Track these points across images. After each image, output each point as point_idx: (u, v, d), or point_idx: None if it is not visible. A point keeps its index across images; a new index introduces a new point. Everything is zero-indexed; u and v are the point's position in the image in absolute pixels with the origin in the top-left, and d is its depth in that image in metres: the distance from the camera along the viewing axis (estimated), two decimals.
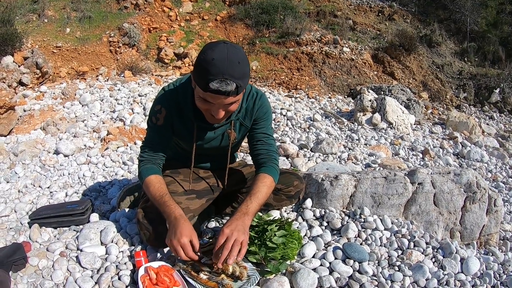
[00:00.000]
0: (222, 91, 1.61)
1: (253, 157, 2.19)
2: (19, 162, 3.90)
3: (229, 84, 1.61)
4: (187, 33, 9.14)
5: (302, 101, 6.85)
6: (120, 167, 3.82)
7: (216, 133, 2.08)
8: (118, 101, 5.64)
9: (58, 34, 8.12)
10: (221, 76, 1.59)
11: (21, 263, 1.88)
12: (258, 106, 2.08)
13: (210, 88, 1.60)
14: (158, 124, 2.02)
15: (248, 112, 2.09)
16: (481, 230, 2.57)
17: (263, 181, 2.02)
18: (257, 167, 2.14)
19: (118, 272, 1.89)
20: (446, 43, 10.44)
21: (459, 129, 6.13)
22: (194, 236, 1.77)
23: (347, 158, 4.06)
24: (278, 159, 2.19)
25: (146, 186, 1.99)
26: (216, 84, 1.60)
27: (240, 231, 1.74)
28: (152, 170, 2.03)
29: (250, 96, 2.07)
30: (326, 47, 8.75)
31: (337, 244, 2.14)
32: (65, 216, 2.43)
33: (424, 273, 1.99)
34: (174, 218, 1.80)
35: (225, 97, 1.65)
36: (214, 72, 1.59)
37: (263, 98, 2.11)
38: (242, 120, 2.09)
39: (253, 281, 1.75)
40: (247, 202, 1.90)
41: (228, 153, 2.18)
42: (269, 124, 2.18)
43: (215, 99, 1.68)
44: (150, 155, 2.08)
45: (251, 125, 2.14)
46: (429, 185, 2.51)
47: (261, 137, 2.15)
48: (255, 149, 2.16)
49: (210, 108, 1.76)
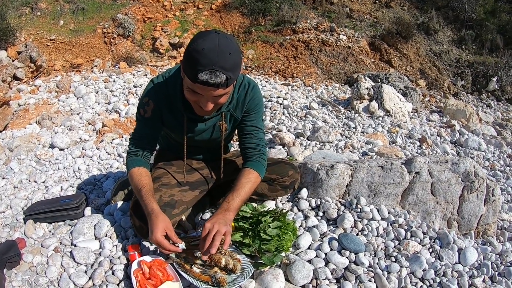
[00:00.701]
0: (211, 83, 1.56)
1: (241, 150, 2.16)
2: (14, 158, 3.87)
3: (218, 76, 1.55)
4: (182, 22, 9.06)
5: (298, 89, 6.81)
6: (115, 159, 3.81)
7: (206, 125, 2.04)
8: (113, 93, 5.60)
9: (52, 26, 8.04)
10: (211, 67, 1.53)
11: (15, 260, 1.87)
12: (250, 97, 2.03)
13: (199, 79, 1.55)
14: (146, 116, 1.99)
15: (240, 103, 2.03)
16: (478, 220, 2.55)
17: (247, 176, 1.99)
18: (244, 160, 2.12)
19: (112, 267, 1.88)
20: (443, 30, 10.37)
21: (457, 117, 6.11)
22: (168, 228, 1.74)
23: (344, 146, 4.03)
24: (266, 153, 2.16)
25: (130, 179, 1.98)
26: (205, 76, 1.54)
27: (222, 224, 1.72)
28: (137, 163, 2.00)
29: (242, 86, 2.01)
30: (323, 34, 8.68)
31: (333, 235, 2.13)
32: (60, 211, 2.42)
33: (421, 264, 1.97)
34: (147, 214, 1.78)
35: (214, 89, 1.60)
36: (203, 62, 1.53)
37: (255, 89, 2.06)
38: (233, 111, 2.04)
39: (247, 274, 1.73)
40: (228, 199, 1.88)
41: (222, 145, 2.15)
42: (259, 117, 2.14)
43: (204, 91, 1.62)
44: (137, 147, 2.05)
45: (241, 117, 2.09)
46: (426, 174, 2.49)
47: (250, 130, 2.11)
48: (243, 142, 2.12)
49: (199, 99, 1.70)
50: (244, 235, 1.95)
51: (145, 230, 1.91)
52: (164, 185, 2.06)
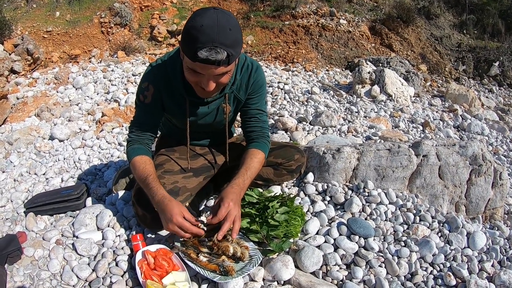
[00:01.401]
0: (212, 60, 1.49)
1: (245, 133, 2.12)
2: (14, 151, 3.84)
3: (219, 53, 1.48)
4: (180, 9, 8.94)
5: (299, 74, 6.74)
6: (115, 149, 3.77)
7: (210, 108, 1.97)
8: (112, 82, 5.56)
9: (48, 18, 7.95)
10: (211, 44, 1.46)
11: (16, 254, 1.84)
12: (254, 79, 1.97)
13: (198, 57, 1.48)
14: (146, 102, 1.92)
15: (243, 84, 1.97)
16: (486, 203, 2.51)
17: (257, 156, 1.97)
18: (249, 142, 2.08)
19: (115, 258, 1.85)
20: (444, 15, 10.26)
21: (459, 101, 6.05)
22: (185, 211, 1.69)
23: (347, 130, 3.99)
24: (269, 135, 2.13)
25: (133, 168, 1.91)
26: (206, 53, 1.47)
27: (237, 205, 1.72)
28: (138, 151, 1.94)
29: (244, 67, 1.95)
30: (323, 19, 8.58)
31: (341, 220, 2.09)
32: (61, 202, 2.39)
33: (431, 248, 1.94)
34: (157, 201, 1.72)
35: (216, 67, 1.53)
36: (203, 39, 1.46)
37: (259, 70, 2.00)
38: (237, 93, 1.98)
39: (255, 262, 1.69)
40: (243, 176, 1.86)
41: (226, 128, 2.09)
42: (263, 99, 2.10)
43: (205, 70, 1.55)
44: (138, 135, 1.99)
45: (245, 99, 2.04)
46: (434, 157, 2.44)
47: (255, 113, 2.07)
48: (248, 126, 2.09)
49: (200, 80, 1.63)
50: (251, 221, 1.90)
51: (148, 219, 1.87)
52: (167, 172, 2.01)
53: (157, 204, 1.72)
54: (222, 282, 1.59)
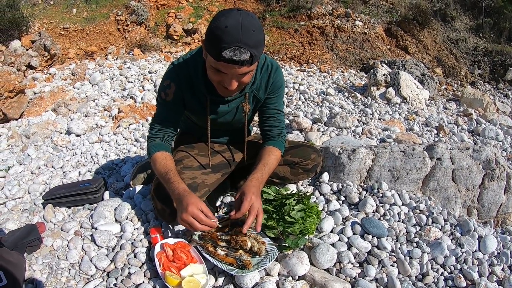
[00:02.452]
0: (236, 60, 1.52)
1: (262, 131, 2.17)
2: (31, 144, 3.90)
3: (243, 53, 1.51)
4: (196, 8, 9.00)
5: (314, 75, 6.76)
6: (132, 144, 3.82)
7: (230, 107, 2.01)
8: (128, 79, 5.62)
9: (65, 15, 8.06)
10: (235, 44, 1.50)
11: (35, 244, 1.88)
12: (273, 79, 2.01)
13: (223, 57, 1.51)
14: (167, 99, 1.95)
15: (263, 84, 2.01)
16: (498, 208, 2.51)
17: (274, 153, 2.02)
18: (266, 140, 2.13)
19: (134, 250, 1.88)
20: (461, 18, 10.18)
21: (474, 106, 6.01)
22: (202, 205, 1.70)
23: (362, 132, 4.00)
24: (286, 135, 2.18)
25: (153, 163, 1.94)
26: (230, 53, 1.50)
27: (258, 198, 1.77)
28: (159, 147, 1.97)
29: (264, 67, 1.99)
30: (338, 20, 8.58)
31: (355, 219, 2.11)
32: (79, 195, 2.43)
33: (443, 250, 1.95)
34: (177, 194, 1.74)
35: (239, 66, 1.56)
36: (227, 40, 1.49)
37: (279, 71, 2.04)
38: (256, 92, 2.02)
39: (271, 257, 1.72)
40: (262, 171, 1.90)
41: (245, 126, 2.13)
42: (281, 99, 2.14)
43: (228, 69, 1.59)
44: (159, 131, 2.02)
45: (264, 99, 2.08)
46: (447, 160, 2.45)
47: (273, 113, 2.12)
48: (266, 124, 2.14)
49: (223, 79, 1.67)
50: (268, 217, 1.93)
51: (167, 212, 1.91)
52: (186, 167, 2.05)
53: (177, 198, 1.74)
54: (239, 275, 1.62)
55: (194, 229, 1.66)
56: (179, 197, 1.73)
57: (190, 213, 1.64)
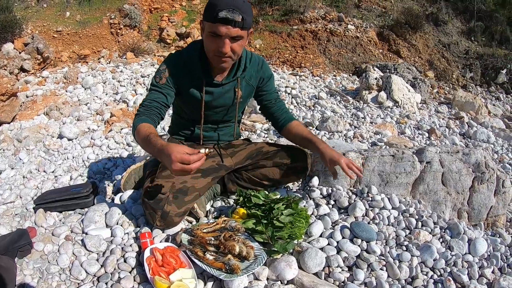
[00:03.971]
0: (230, 19, 1.78)
1: (274, 114, 2.42)
2: (23, 148, 3.89)
3: (236, 13, 1.78)
4: (189, 12, 9.01)
5: (306, 79, 6.79)
6: (124, 149, 3.82)
7: (224, 89, 2.16)
8: (120, 83, 5.62)
9: (58, 18, 8.03)
10: (229, 7, 1.77)
11: (26, 249, 1.87)
12: (263, 69, 2.30)
13: (219, 17, 1.77)
14: (161, 83, 2.08)
15: (253, 73, 2.26)
16: (488, 211, 2.53)
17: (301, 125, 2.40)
18: (283, 119, 2.41)
19: (124, 254, 1.88)
20: (452, 21, 10.26)
21: (465, 109, 6.06)
22: (183, 147, 1.68)
23: (353, 136, 4.02)
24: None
25: (137, 133, 1.94)
26: (224, 13, 1.77)
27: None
28: (145, 120, 1.98)
29: (253, 59, 2.24)
30: (331, 24, 8.62)
31: (344, 223, 2.12)
32: (70, 200, 2.43)
33: (432, 253, 1.97)
34: (158, 150, 1.73)
35: (233, 27, 1.81)
36: (223, 3, 1.78)
37: (265, 63, 2.33)
38: (248, 80, 2.25)
39: (260, 261, 1.73)
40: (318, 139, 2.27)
41: (236, 107, 2.30)
42: (274, 85, 2.44)
43: (223, 30, 1.81)
44: (147, 109, 2.05)
45: (259, 87, 2.33)
46: (437, 164, 2.47)
47: (276, 97, 2.42)
48: (274, 107, 2.41)
49: (218, 44, 1.87)
50: (257, 222, 1.94)
51: (157, 217, 1.92)
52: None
53: (159, 153, 1.73)
54: (228, 279, 1.62)
55: (189, 171, 1.64)
56: (160, 152, 1.70)
57: (178, 159, 1.61)
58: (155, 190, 1.98)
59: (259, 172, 2.35)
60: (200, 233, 1.82)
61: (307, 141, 2.27)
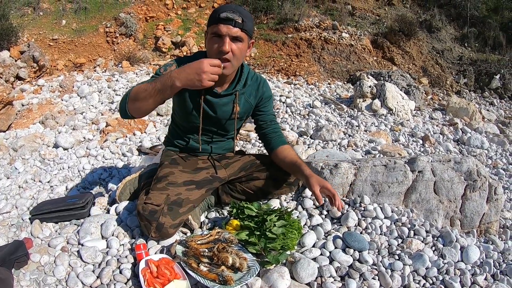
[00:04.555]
0: (231, 18, 1.86)
1: (266, 135, 2.41)
2: (18, 157, 3.89)
3: (236, 14, 1.87)
4: (184, 21, 9.06)
5: (301, 87, 6.82)
6: (119, 159, 3.82)
7: (221, 101, 2.18)
8: (116, 92, 5.63)
9: (54, 26, 8.05)
10: (230, 9, 1.89)
11: (23, 260, 1.88)
12: (264, 89, 2.32)
13: (220, 17, 1.87)
14: (163, 72, 2.04)
15: (253, 91, 2.28)
16: (481, 218, 2.56)
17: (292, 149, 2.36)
18: (274, 141, 2.38)
19: (119, 266, 1.89)
20: (446, 28, 10.35)
21: (459, 115, 6.11)
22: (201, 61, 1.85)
23: (347, 145, 4.05)
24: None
25: (133, 93, 1.94)
26: (226, 13, 1.86)
27: None
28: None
29: (254, 77, 2.29)
30: (325, 32, 8.68)
31: (337, 233, 2.14)
32: (66, 211, 2.43)
33: (424, 262, 1.98)
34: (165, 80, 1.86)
35: (233, 26, 1.88)
36: (224, 8, 1.91)
37: (267, 83, 2.35)
38: (247, 97, 2.26)
39: (253, 272, 1.75)
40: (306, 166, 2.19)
41: (235, 122, 2.30)
42: (272, 107, 2.45)
43: (224, 29, 1.88)
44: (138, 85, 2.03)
45: (257, 106, 2.34)
46: (429, 173, 2.50)
47: (272, 119, 2.41)
48: (268, 128, 2.40)
49: (219, 44, 1.91)
50: (250, 234, 1.96)
51: (152, 229, 1.95)
52: (171, 184, 2.09)
53: (167, 80, 1.85)
54: None
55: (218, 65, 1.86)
56: (167, 78, 1.86)
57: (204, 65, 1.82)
58: (150, 202, 2.00)
59: (253, 184, 2.37)
60: (194, 245, 1.84)
61: (293, 164, 2.23)
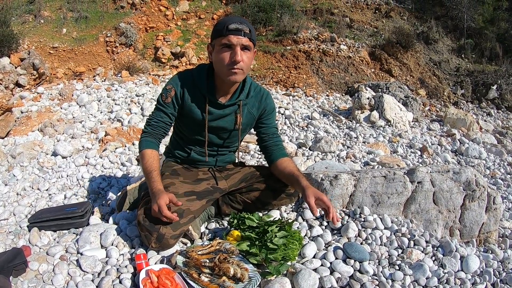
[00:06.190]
0: (240, 28, 1.93)
1: (268, 147, 2.42)
2: (17, 165, 3.88)
3: (244, 25, 1.95)
4: (184, 32, 9.11)
5: (299, 99, 6.85)
6: (118, 168, 3.81)
7: (224, 112, 2.22)
8: (115, 102, 5.63)
9: (55, 34, 8.08)
10: (237, 20, 1.95)
11: (21, 268, 1.87)
12: (266, 102, 2.35)
13: (229, 28, 1.92)
14: (166, 101, 2.21)
15: (256, 103, 2.32)
16: (480, 228, 2.57)
17: (292, 162, 2.36)
18: (278, 155, 2.38)
19: (119, 276, 1.88)
20: (443, 40, 10.44)
21: (457, 125, 6.15)
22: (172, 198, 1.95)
23: (346, 156, 4.06)
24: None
25: (141, 157, 2.16)
26: (235, 25, 1.93)
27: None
28: (150, 144, 2.20)
29: (257, 89, 2.33)
30: (323, 44, 8.74)
31: (337, 244, 2.14)
32: (65, 219, 2.42)
33: (425, 271, 1.99)
34: (152, 194, 1.99)
35: (242, 37, 1.95)
36: (231, 19, 1.96)
37: (270, 96, 2.40)
38: (250, 108, 2.30)
39: (254, 283, 1.75)
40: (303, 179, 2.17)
41: (239, 134, 2.35)
42: (275, 120, 2.47)
43: (234, 39, 1.95)
44: (153, 129, 2.24)
45: (260, 118, 2.38)
46: (428, 183, 2.51)
47: (274, 132, 2.43)
48: (270, 141, 2.41)
49: (231, 54, 1.98)
50: (251, 244, 1.96)
51: (152, 239, 1.94)
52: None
53: (153, 194, 1.98)
54: None
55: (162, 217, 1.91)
56: (154, 194, 1.97)
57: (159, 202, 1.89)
58: (150, 212, 2.00)
59: (253, 195, 2.37)
60: (195, 255, 1.84)
61: (291, 175, 2.23)
